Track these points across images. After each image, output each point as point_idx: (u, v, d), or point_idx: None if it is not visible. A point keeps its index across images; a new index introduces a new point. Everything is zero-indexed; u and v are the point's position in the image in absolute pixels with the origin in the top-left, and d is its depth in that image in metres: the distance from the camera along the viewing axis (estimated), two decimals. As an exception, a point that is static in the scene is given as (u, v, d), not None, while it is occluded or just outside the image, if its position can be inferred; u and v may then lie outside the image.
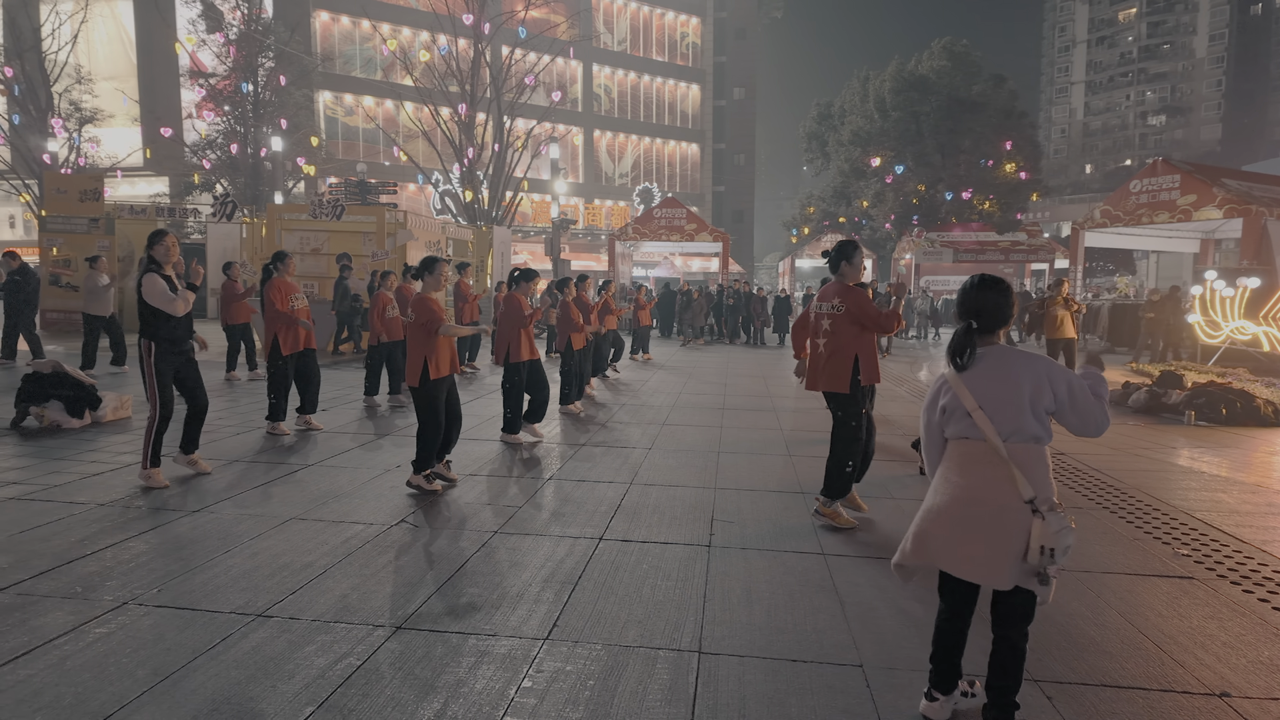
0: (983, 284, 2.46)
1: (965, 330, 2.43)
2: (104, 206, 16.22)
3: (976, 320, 2.43)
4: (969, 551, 2.33)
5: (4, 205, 37.83)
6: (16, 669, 2.68)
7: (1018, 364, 2.36)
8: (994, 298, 2.43)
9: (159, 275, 5.02)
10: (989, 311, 2.42)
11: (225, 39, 28.37)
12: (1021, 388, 2.32)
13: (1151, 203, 16.43)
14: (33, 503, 4.56)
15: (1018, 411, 2.32)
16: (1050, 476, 2.34)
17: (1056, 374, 2.33)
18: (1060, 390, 2.31)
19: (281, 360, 6.76)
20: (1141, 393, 9.27)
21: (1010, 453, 2.32)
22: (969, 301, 2.46)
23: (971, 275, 2.54)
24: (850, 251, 4.47)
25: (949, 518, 2.39)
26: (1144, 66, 78.36)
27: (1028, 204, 42.95)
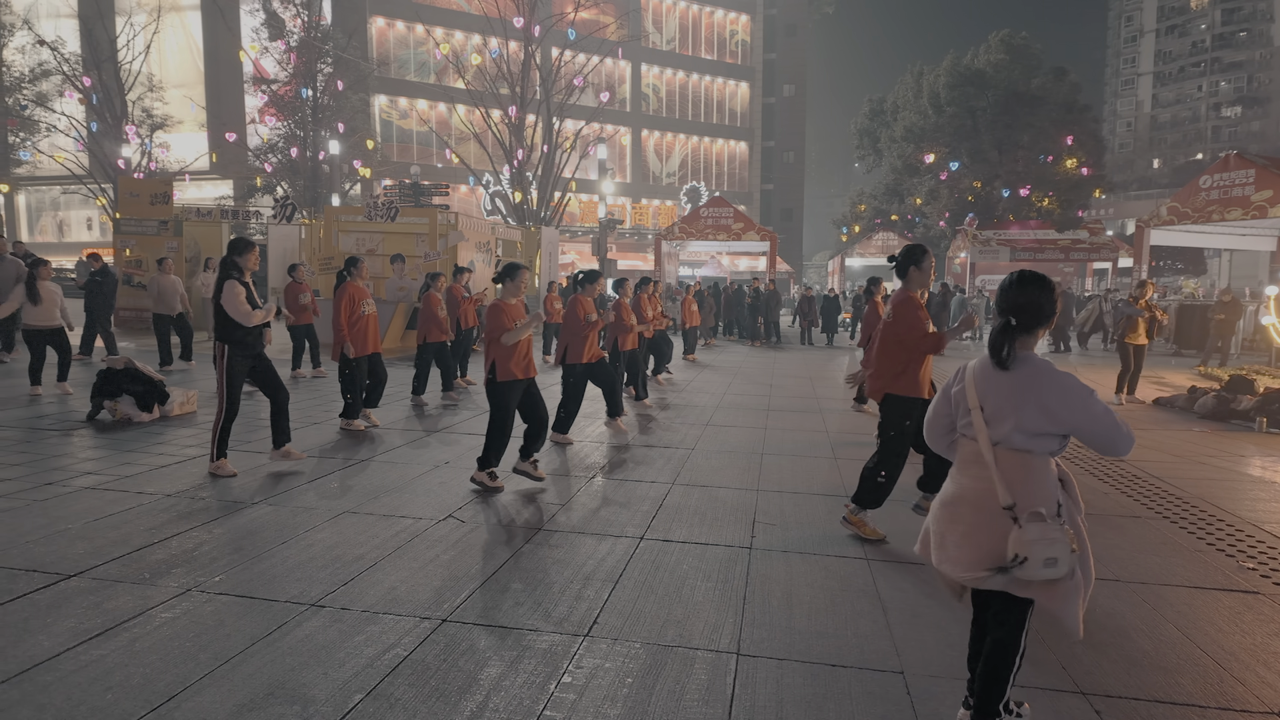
0: (1022, 281, 2.38)
1: (1004, 329, 2.34)
2: (173, 209, 16.95)
3: (1016, 318, 2.34)
4: (953, 549, 2.33)
5: (82, 208, 39.90)
6: (91, 649, 2.85)
7: (1028, 376, 2.27)
8: (1034, 295, 2.34)
9: (240, 284, 5.23)
10: (1029, 309, 2.34)
11: (286, 46, 29.35)
12: (1017, 399, 2.26)
13: (1223, 199, 15.69)
14: (106, 492, 4.82)
15: (1008, 421, 2.28)
16: (1044, 487, 2.24)
17: (1070, 400, 2.21)
18: (1076, 420, 2.21)
19: (355, 362, 6.94)
20: (1209, 397, 8.88)
21: (997, 457, 2.29)
22: (1008, 299, 2.38)
23: (1011, 272, 2.46)
24: (919, 256, 4.32)
25: (943, 514, 2.40)
26: (1218, 55, 74.81)
27: (1090, 201, 41.48)
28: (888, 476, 4.33)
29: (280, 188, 29.76)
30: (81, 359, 11.09)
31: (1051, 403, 2.22)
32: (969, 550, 2.29)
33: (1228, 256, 27.86)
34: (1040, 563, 2.13)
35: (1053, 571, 2.13)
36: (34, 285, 8.16)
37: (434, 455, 6.13)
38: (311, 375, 10.35)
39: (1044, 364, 2.28)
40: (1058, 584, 2.19)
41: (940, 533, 2.40)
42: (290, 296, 10.02)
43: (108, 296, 11.30)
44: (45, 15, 35.60)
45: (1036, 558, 2.12)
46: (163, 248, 16.59)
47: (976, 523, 2.29)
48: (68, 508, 4.48)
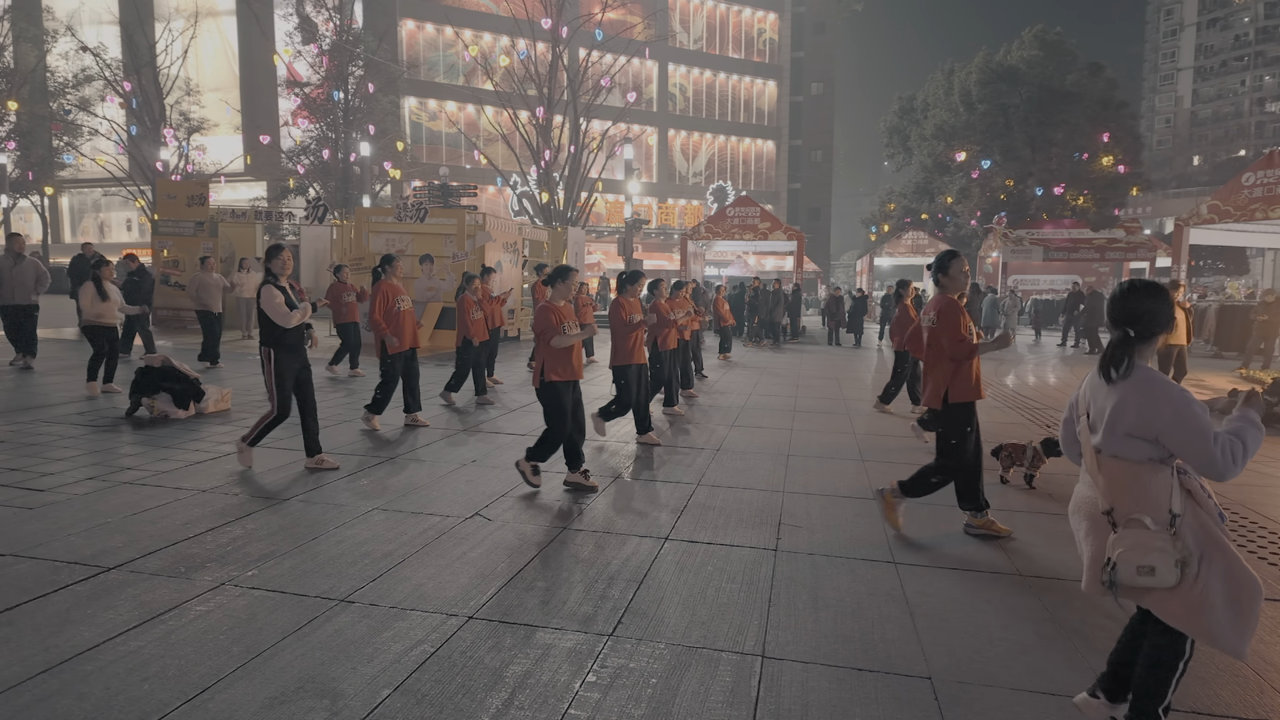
0: (1134, 290, 2.32)
1: (1122, 340, 2.29)
2: (209, 210, 17.33)
3: (1133, 329, 2.29)
4: (1082, 554, 2.39)
5: (122, 210, 40.94)
6: (129, 640, 2.92)
7: (1132, 382, 2.23)
8: (1149, 303, 2.29)
9: (276, 288, 5.34)
10: (1146, 318, 2.28)
11: (319, 49, 29.85)
12: (1114, 404, 2.24)
13: (1267, 196, 15.25)
14: (144, 487, 4.94)
15: (1106, 427, 2.27)
16: (1148, 494, 2.19)
17: (1160, 406, 2.15)
18: (1165, 427, 2.15)
19: (390, 359, 7.03)
20: (1251, 401, 8.64)
21: (1100, 464, 2.30)
22: (1122, 309, 2.32)
23: (1121, 281, 2.41)
24: (946, 262, 4.34)
25: (1072, 522, 2.48)
26: (1261, 49, 72.69)
27: (1127, 199, 40.58)
28: (939, 479, 4.38)
29: (312, 189, 30.28)
30: (120, 357, 11.38)
31: (1144, 405, 2.18)
32: (1086, 555, 2.34)
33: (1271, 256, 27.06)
34: (1133, 570, 2.09)
35: (1150, 580, 2.09)
36: (101, 284, 8.41)
37: (462, 454, 6.18)
38: (348, 375, 10.48)
39: (1146, 369, 2.25)
40: (1174, 596, 2.12)
41: (1078, 541, 2.45)
42: (334, 296, 10.20)
43: (146, 296, 11.58)
44: (88, 22, 36.59)
45: (1129, 564, 2.10)
46: (199, 248, 16.96)
47: (1089, 529, 2.32)
48: (107, 502, 4.60)
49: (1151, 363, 2.37)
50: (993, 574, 3.84)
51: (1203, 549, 2.15)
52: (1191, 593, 2.12)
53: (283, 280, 5.44)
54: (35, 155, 32.72)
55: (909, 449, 6.83)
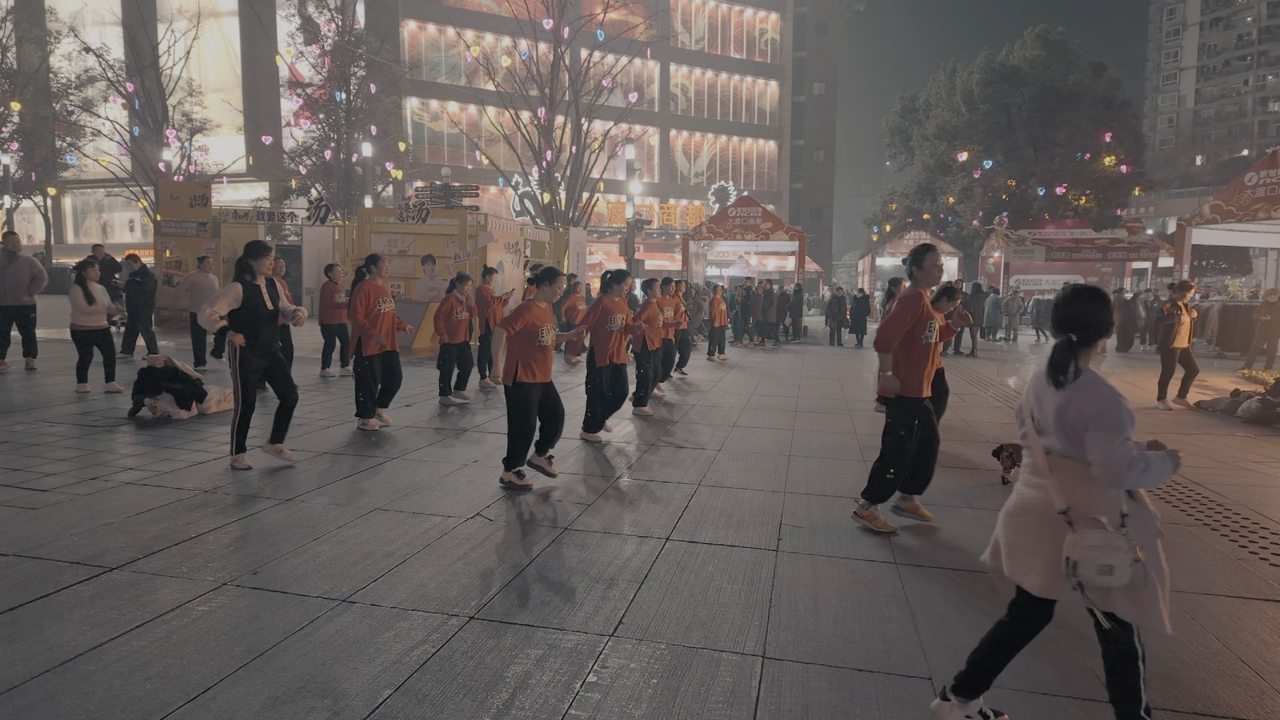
0: (1076, 295, 2.34)
1: (1066, 345, 2.31)
2: (211, 211, 17.35)
3: (1076, 334, 2.31)
4: (1024, 558, 2.36)
5: (125, 210, 41.02)
6: (131, 640, 2.93)
7: (1081, 387, 2.26)
8: (1092, 309, 2.31)
9: (244, 285, 5.33)
10: (1087, 324, 2.30)
11: (321, 50, 29.88)
12: (1060, 406, 2.26)
13: (1269, 196, 15.22)
14: (146, 487, 4.95)
15: (1055, 429, 2.30)
16: (1102, 495, 2.22)
17: (1098, 418, 2.19)
18: (1090, 427, 2.20)
19: (366, 360, 7.03)
20: (1253, 401, 8.63)
21: (1052, 465, 2.31)
22: (1063, 314, 2.34)
23: (1065, 286, 2.43)
24: (920, 256, 4.40)
25: (1011, 524, 2.43)
26: (1264, 49, 72.55)
27: (1129, 199, 40.52)
28: (894, 472, 4.45)
29: (315, 189, 30.32)
30: (124, 358, 11.40)
31: (1082, 405, 2.22)
32: (1038, 559, 2.31)
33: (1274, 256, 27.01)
34: (1094, 569, 2.11)
35: (1109, 579, 2.12)
36: (87, 286, 8.41)
37: (462, 454, 6.19)
38: (340, 374, 10.49)
39: (1090, 373, 2.28)
40: (1130, 593, 2.17)
41: (1011, 543, 2.41)
42: (326, 296, 10.19)
43: (149, 296, 11.60)
44: (91, 23, 36.68)
45: (1089, 563, 2.12)
46: (201, 249, 16.98)
47: (1041, 532, 2.31)
48: (110, 502, 4.61)
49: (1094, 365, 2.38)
50: (994, 579, 3.84)
51: (1147, 545, 2.20)
52: (1143, 589, 2.16)
53: (259, 280, 5.43)
54: (38, 156, 32.81)
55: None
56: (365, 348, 6.99)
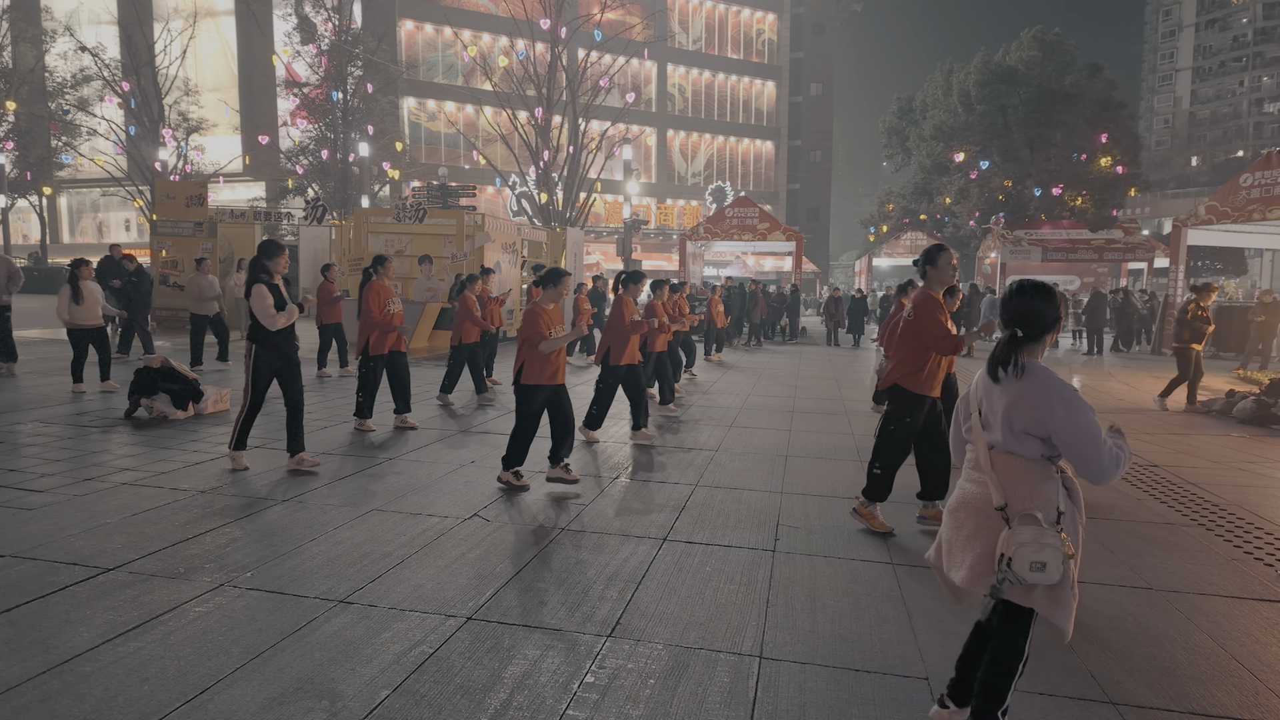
0: (1021, 290, 2.35)
1: (1009, 340, 2.32)
2: (207, 211, 17.31)
3: (1021, 329, 2.32)
4: (958, 553, 2.36)
5: (121, 210, 40.92)
6: (128, 641, 2.93)
7: (1026, 380, 2.26)
8: (1036, 304, 2.32)
9: (267, 287, 5.34)
10: (1033, 319, 2.31)
11: (318, 50, 29.82)
12: (1008, 401, 2.27)
13: (1265, 197, 15.27)
14: (143, 488, 4.94)
15: (998, 423, 2.30)
16: (1040, 491, 2.22)
17: (1054, 406, 2.19)
18: (1057, 424, 2.18)
19: (372, 360, 7.00)
20: (1248, 402, 8.66)
21: (992, 460, 2.31)
22: (1009, 310, 2.35)
23: (1012, 282, 2.44)
24: (933, 255, 4.37)
25: (950, 520, 2.44)
26: (1260, 50, 72.78)
27: (1125, 200, 40.63)
28: (884, 468, 4.45)
29: (311, 189, 30.25)
30: (119, 358, 11.38)
31: (1038, 404, 2.21)
32: (970, 554, 2.31)
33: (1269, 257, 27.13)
34: (1027, 565, 2.12)
35: (1040, 576, 2.12)
36: (77, 285, 8.39)
37: (460, 454, 6.19)
38: (339, 375, 10.48)
39: (1038, 366, 2.28)
40: (1054, 591, 2.17)
41: (949, 540, 2.43)
42: (323, 295, 10.17)
43: (145, 296, 11.57)
44: (86, 22, 36.57)
45: (1023, 560, 2.12)
46: (198, 249, 16.95)
47: (977, 527, 2.32)
48: (106, 503, 4.60)
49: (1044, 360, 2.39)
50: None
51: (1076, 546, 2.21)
52: (1065, 590, 2.17)
53: (276, 279, 5.44)
54: (34, 155, 32.70)
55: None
56: (372, 347, 6.94)
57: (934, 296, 4.36)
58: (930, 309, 4.31)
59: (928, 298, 4.35)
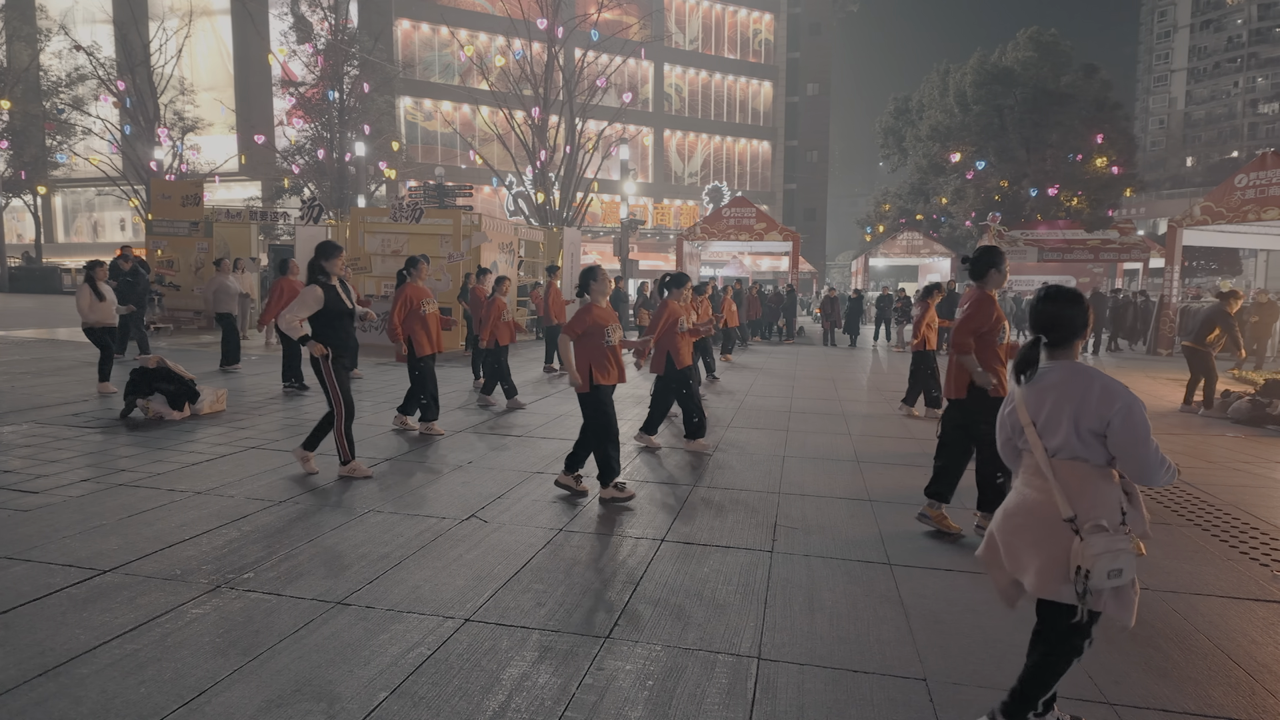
0: (1049, 296, 2.38)
1: (1032, 345, 2.35)
2: (203, 210, 17.27)
3: (1047, 335, 2.35)
4: (1025, 558, 2.34)
5: (116, 210, 40.79)
6: (125, 643, 2.92)
7: (1077, 381, 2.27)
8: (1066, 311, 2.34)
9: (322, 288, 5.19)
10: (1060, 325, 2.34)
11: (314, 49, 29.75)
12: (1071, 405, 2.26)
13: (1259, 198, 15.34)
14: (139, 489, 4.92)
15: (1061, 429, 2.28)
16: (1105, 497, 2.23)
17: (1113, 400, 2.19)
18: (1114, 419, 2.18)
19: (421, 362, 6.90)
20: (1243, 402, 8.69)
21: (1055, 468, 2.29)
22: (1038, 316, 2.38)
23: (1040, 287, 2.46)
24: (999, 259, 4.39)
25: (1008, 523, 2.41)
26: (1254, 51, 73.07)
27: (1120, 200, 40.76)
28: (1005, 474, 4.29)
29: (307, 189, 30.19)
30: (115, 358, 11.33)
31: (1096, 401, 2.20)
32: (1036, 560, 2.30)
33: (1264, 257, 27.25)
34: (1104, 574, 2.12)
35: (1118, 581, 2.13)
36: (96, 285, 8.37)
37: (458, 456, 6.18)
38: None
39: (1087, 367, 2.29)
40: (1125, 593, 2.19)
41: (1008, 542, 2.40)
42: None
43: (140, 296, 11.53)
44: (81, 21, 36.45)
45: (1101, 570, 2.12)
46: (193, 248, 16.91)
47: (1042, 534, 2.30)
48: (102, 504, 4.59)
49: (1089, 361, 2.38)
50: (987, 575, 3.86)
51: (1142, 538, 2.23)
52: (1130, 589, 2.19)
53: (333, 280, 5.30)
54: (28, 154, 32.59)
55: (905, 450, 6.85)
56: (418, 349, 6.85)
57: (990, 296, 4.40)
58: (975, 308, 4.34)
59: (986, 296, 4.39)
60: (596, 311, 5.00)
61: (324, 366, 5.27)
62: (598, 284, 5.10)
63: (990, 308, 4.35)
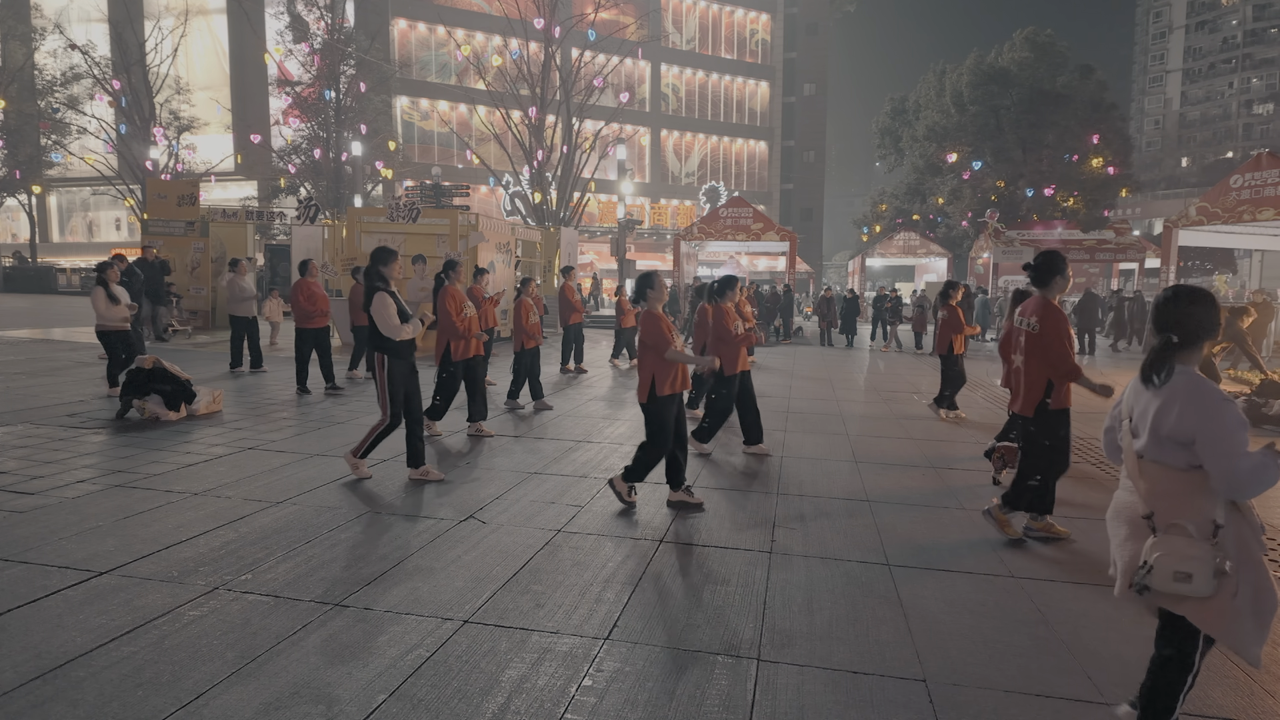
0: (1179, 296, 2.29)
1: (1164, 345, 2.26)
2: (199, 210, 17.22)
3: (1177, 334, 2.26)
4: (1116, 558, 2.36)
5: (111, 209, 40.66)
6: (121, 646, 2.90)
7: (1175, 385, 2.21)
8: (1195, 311, 2.26)
9: (389, 295, 5.13)
10: (1189, 326, 2.26)
11: (310, 49, 29.69)
12: (1159, 408, 2.21)
13: (1255, 199, 15.38)
14: (135, 490, 4.91)
15: (1146, 431, 2.26)
16: (1190, 501, 2.17)
17: (1200, 410, 2.12)
18: (1200, 431, 2.12)
19: (453, 366, 6.84)
20: (1239, 402, 8.72)
21: (1141, 469, 2.28)
22: (1166, 315, 2.29)
23: (1167, 287, 2.38)
24: (1063, 264, 4.29)
25: (1109, 527, 2.44)
26: (1249, 52, 73.38)
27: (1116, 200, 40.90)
28: (1041, 479, 4.31)
29: (304, 188, 30.13)
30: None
31: (1186, 413, 2.15)
32: (1122, 560, 2.31)
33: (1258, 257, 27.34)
34: (1169, 575, 2.08)
35: (1186, 588, 2.08)
36: (109, 287, 8.29)
37: (456, 457, 6.17)
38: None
39: (1192, 373, 2.23)
40: (1210, 604, 2.11)
41: (1111, 539, 2.43)
42: (355, 298, 10.09)
43: (135, 296, 11.48)
44: (76, 20, 36.32)
45: (1165, 569, 2.08)
46: (189, 248, 16.86)
47: (1129, 533, 2.31)
48: (98, 505, 4.57)
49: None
50: (986, 576, 3.87)
51: (1239, 561, 2.12)
52: (1227, 602, 2.10)
53: (393, 285, 5.24)
54: (23, 154, 32.47)
55: (903, 451, 6.86)
56: (453, 353, 6.77)
57: (1058, 308, 4.25)
58: (1059, 322, 4.18)
59: (1054, 307, 4.24)
60: (664, 319, 4.86)
61: (379, 374, 5.21)
62: (655, 291, 4.95)
63: (1063, 318, 4.22)
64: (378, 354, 5.21)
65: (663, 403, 4.81)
